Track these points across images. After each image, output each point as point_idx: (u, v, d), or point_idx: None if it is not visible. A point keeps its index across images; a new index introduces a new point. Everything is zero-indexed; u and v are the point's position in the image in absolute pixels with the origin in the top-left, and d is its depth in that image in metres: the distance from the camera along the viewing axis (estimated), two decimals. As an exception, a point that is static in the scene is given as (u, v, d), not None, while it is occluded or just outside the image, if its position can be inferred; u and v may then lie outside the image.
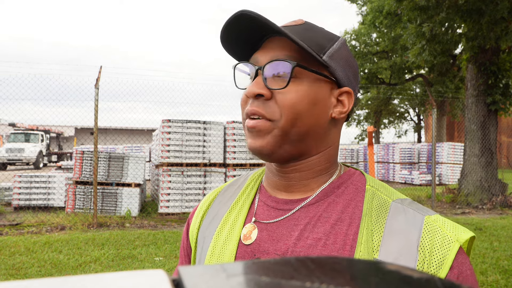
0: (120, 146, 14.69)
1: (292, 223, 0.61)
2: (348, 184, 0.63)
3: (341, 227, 0.58)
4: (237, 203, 0.70)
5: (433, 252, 0.54)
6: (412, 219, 0.57)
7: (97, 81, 6.19)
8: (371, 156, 8.77)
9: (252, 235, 0.63)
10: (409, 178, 13.36)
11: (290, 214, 0.62)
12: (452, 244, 0.55)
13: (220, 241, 0.66)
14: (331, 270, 0.21)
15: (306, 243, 0.58)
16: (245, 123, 0.61)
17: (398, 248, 0.55)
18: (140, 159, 7.21)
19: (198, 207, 0.76)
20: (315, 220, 0.60)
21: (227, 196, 0.73)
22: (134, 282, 0.18)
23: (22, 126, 19.69)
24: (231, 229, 0.66)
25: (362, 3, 18.89)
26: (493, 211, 7.64)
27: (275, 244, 0.60)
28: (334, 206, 0.61)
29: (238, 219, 0.66)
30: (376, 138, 26.53)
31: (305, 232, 0.59)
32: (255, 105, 0.59)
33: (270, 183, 0.68)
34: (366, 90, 22.63)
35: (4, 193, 7.80)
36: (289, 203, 0.63)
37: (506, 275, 3.75)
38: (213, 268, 0.21)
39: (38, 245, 4.75)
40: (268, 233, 0.62)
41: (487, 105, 8.32)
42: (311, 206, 0.62)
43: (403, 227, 0.57)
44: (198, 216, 0.73)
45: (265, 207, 0.66)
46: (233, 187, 0.74)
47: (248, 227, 0.64)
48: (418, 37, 8.60)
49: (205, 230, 0.70)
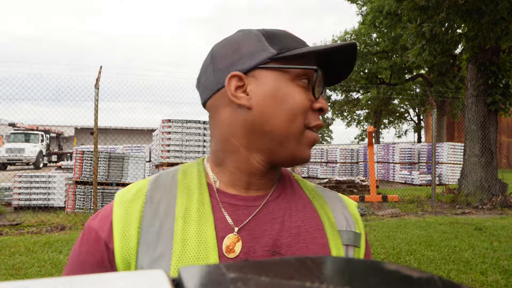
0: (120, 146, 14.69)
1: (269, 217, 0.62)
2: (285, 176, 0.70)
3: (309, 212, 0.65)
4: (189, 211, 0.59)
5: (355, 215, 0.70)
6: (335, 196, 0.71)
7: (97, 81, 6.19)
8: (371, 156, 8.77)
9: (236, 247, 0.58)
10: (409, 178, 13.36)
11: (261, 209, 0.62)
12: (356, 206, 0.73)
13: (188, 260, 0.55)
14: (331, 270, 0.21)
15: (291, 233, 0.61)
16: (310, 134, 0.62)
17: (343, 218, 0.67)
18: (140, 159, 7.21)
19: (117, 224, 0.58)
20: (288, 211, 0.63)
21: (160, 203, 0.60)
22: (134, 282, 0.18)
23: (22, 126, 19.70)
24: (200, 243, 0.56)
25: (362, 3, 18.89)
26: (493, 211, 7.64)
27: (259, 241, 0.59)
28: (292, 195, 0.66)
29: (205, 230, 0.57)
30: (376, 138, 26.53)
31: (286, 222, 0.62)
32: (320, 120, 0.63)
33: (239, 183, 0.63)
34: (366, 90, 22.63)
35: (4, 193, 7.79)
36: (257, 199, 0.63)
37: (506, 275, 3.75)
38: (213, 268, 0.21)
39: (38, 245, 4.75)
40: (248, 233, 0.59)
41: (487, 105, 8.32)
42: (278, 199, 0.65)
43: (336, 203, 0.69)
44: (127, 236, 0.57)
45: (233, 208, 0.61)
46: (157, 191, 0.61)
47: (230, 238, 0.58)
48: (418, 37, 8.60)
49: (152, 253, 0.56)
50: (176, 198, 0.60)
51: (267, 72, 0.59)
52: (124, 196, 0.61)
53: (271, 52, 0.59)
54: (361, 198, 8.45)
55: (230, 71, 0.60)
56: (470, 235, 5.38)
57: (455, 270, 3.90)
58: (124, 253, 0.56)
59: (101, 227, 0.59)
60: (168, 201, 0.60)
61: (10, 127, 20.91)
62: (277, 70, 0.59)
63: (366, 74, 20.70)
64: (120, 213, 0.59)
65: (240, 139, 0.61)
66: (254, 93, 0.59)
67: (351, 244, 0.65)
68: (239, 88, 0.60)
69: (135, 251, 0.56)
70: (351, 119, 29.06)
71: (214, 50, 0.64)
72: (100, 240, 0.58)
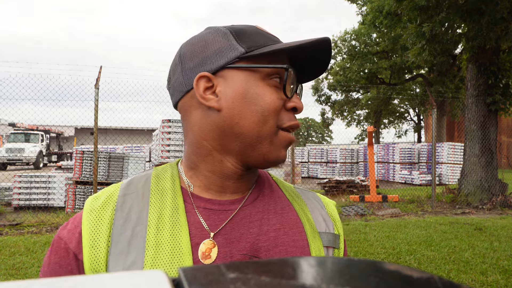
0: (120, 146, 14.69)
1: (246, 220, 0.60)
2: (263, 178, 0.69)
3: (288, 214, 0.64)
4: (162, 217, 0.57)
5: (334, 216, 0.70)
6: (313, 197, 0.72)
7: (97, 81, 6.19)
8: (371, 156, 8.77)
9: (212, 253, 0.56)
10: (409, 178, 13.36)
11: (237, 213, 0.60)
12: (334, 206, 0.73)
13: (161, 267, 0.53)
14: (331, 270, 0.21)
15: (269, 236, 0.60)
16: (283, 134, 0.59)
17: (322, 220, 0.67)
18: (140, 159, 7.21)
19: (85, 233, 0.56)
20: (266, 214, 0.62)
21: (132, 210, 0.57)
22: (134, 282, 0.18)
23: (22, 126, 19.70)
24: (174, 250, 0.54)
25: (362, 3, 18.89)
26: (493, 211, 7.64)
27: (236, 246, 0.58)
28: (270, 197, 0.65)
29: (180, 236, 0.56)
30: (376, 138, 26.53)
31: (263, 226, 0.60)
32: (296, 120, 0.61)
33: (213, 187, 0.61)
34: (366, 90, 22.63)
35: (4, 193, 7.79)
36: (234, 203, 0.61)
37: (506, 275, 3.75)
38: (213, 268, 0.21)
39: (38, 245, 4.75)
40: (225, 237, 0.58)
41: (487, 105, 8.32)
42: (256, 202, 0.63)
43: (315, 204, 0.70)
44: (97, 246, 0.54)
45: (208, 213, 0.59)
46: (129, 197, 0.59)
47: (206, 243, 0.56)
48: (418, 37, 8.60)
49: (123, 261, 0.53)
50: (149, 204, 0.58)
51: (236, 72, 0.57)
52: (93, 203, 0.59)
53: (239, 50, 0.57)
54: (361, 198, 8.46)
55: (198, 71, 0.58)
56: (470, 235, 5.38)
57: (455, 270, 3.90)
58: (94, 263, 0.54)
59: (70, 237, 0.56)
60: (141, 207, 0.58)
61: (10, 127, 20.92)
62: (246, 69, 0.57)
63: (366, 74, 20.70)
64: (89, 222, 0.56)
65: (212, 142, 0.59)
66: (223, 95, 0.57)
67: (331, 246, 0.65)
68: (208, 89, 0.57)
69: (104, 261, 0.54)
70: (351, 119, 29.07)
71: (182, 49, 0.61)
72: (69, 251, 0.55)
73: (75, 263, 0.55)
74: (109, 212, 0.57)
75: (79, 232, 0.56)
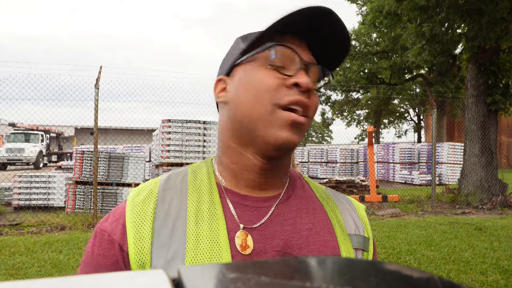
0: (120, 146, 14.69)
1: (280, 218, 0.62)
2: (295, 178, 0.71)
3: (319, 214, 0.65)
4: (200, 211, 0.59)
5: (364, 219, 0.71)
6: (344, 198, 0.73)
7: (97, 81, 6.19)
8: (371, 156, 8.77)
9: (249, 242, 0.58)
10: (409, 178, 13.36)
11: (273, 211, 0.62)
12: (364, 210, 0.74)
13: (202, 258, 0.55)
14: (332, 270, 0.21)
15: (302, 235, 0.61)
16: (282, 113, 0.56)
17: (352, 222, 0.68)
18: (140, 159, 7.21)
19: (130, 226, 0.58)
20: (299, 212, 0.64)
21: (172, 205, 0.60)
22: (134, 282, 0.18)
23: (22, 126, 19.70)
24: (213, 242, 0.57)
25: (362, 3, 18.90)
26: (493, 211, 7.64)
27: (270, 242, 0.59)
28: (302, 197, 0.67)
29: (217, 229, 0.58)
30: (376, 138, 26.54)
31: (297, 224, 0.62)
32: (305, 96, 0.57)
33: (242, 181, 0.63)
34: (366, 90, 22.64)
35: (4, 193, 7.79)
36: (267, 200, 0.63)
37: (506, 275, 3.75)
38: (213, 268, 0.21)
39: (38, 245, 4.75)
40: (260, 233, 0.59)
41: (487, 105, 8.32)
42: (289, 200, 0.65)
43: (345, 205, 0.70)
44: (141, 238, 0.57)
45: (243, 208, 0.61)
46: (169, 192, 0.62)
47: (239, 236, 0.58)
48: (418, 37, 8.61)
49: (166, 253, 0.55)
50: (187, 199, 0.61)
51: (239, 67, 0.62)
52: (135, 198, 0.61)
53: (241, 47, 0.62)
54: (361, 198, 8.45)
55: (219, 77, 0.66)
56: (470, 235, 5.38)
57: (455, 270, 3.90)
58: (139, 254, 0.56)
59: (113, 229, 0.59)
60: (179, 202, 0.60)
61: (10, 127, 20.92)
62: (246, 62, 0.61)
63: (366, 74, 20.70)
64: (133, 215, 0.59)
65: (228, 134, 0.63)
66: (230, 89, 0.63)
67: (360, 248, 0.66)
68: (223, 90, 0.64)
69: (149, 252, 0.56)
70: (351, 119, 29.07)
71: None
72: (114, 242, 0.58)
73: (120, 254, 0.57)
74: (151, 206, 0.60)
75: (123, 224, 0.59)
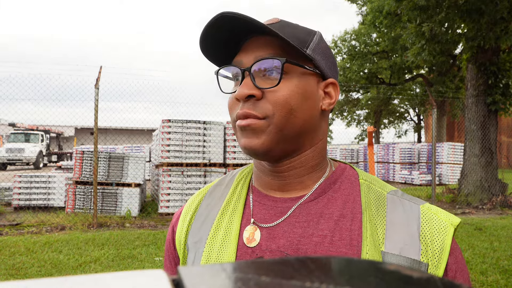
0: (120, 146, 14.70)
1: (293, 220, 0.61)
2: (343, 179, 0.64)
3: (345, 223, 0.59)
4: (229, 204, 0.67)
5: (434, 239, 0.58)
6: (409, 209, 0.60)
7: (97, 81, 6.19)
8: (371, 156, 8.77)
9: (256, 236, 0.61)
10: (409, 178, 13.36)
11: (292, 212, 0.61)
12: (448, 228, 0.59)
13: (216, 245, 0.63)
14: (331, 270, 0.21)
15: (311, 240, 0.58)
16: (237, 123, 0.60)
17: (402, 239, 0.57)
18: (140, 159, 7.21)
19: (182, 212, 0.72)
20: (317, 217, 0.60)
21: (215, 197, 0.70)
22: (134, 282, 0.18)
23: (22, 126, 19.69)
24: (227, 232, 0.63)
25: (362, 3, 18.90)
26: (493, 211, 7.64)
27: (277, 242, 0.59)
28: (334, 202, 0.61)
29: (233, 221, 0.64)
30: (376, 138, 26.54)
31: (309, 229, 0.59)
32: (246, 107, 0.59)
33: (262, 183, 0.66)
34: (366, 90, 22.63)
35: (4, 193, 7.79)
36: (287, 202, 0.62)
37: (506, 275, 3.75)
38: (213, 268, 0.21)
39: (38, 245, 4.75)
40: (269, 232, 0.61)
41: (487, 105, 8.32)
42: (310, 203, 0.62)
43: (402, 219, 0.59)
44: (184, 221, 0.70)
45: (261, 207, 0.64)
46: (220, 187, 0.71)
47: (249, 229, 0.62)
48: (418, 37, 8.61)
49: (195, 236, 0.66)
50: (227, 194, 0.69)
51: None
52: (199, 190, 0.75)
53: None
54: (361, 198, 8.44)
55: None
56: (470, 235, 5.38)
57: (455, 270, 3.89)
58: (179, 234, 0.70)
59: (175, 215, 0.74)
60: (220, 195, 0.70)
61: (10, 127, 20.91)
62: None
63: (366, 74, 20.70)
64: (187, 204, 0.73)
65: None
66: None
67: None
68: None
69: (186, 233, 0.68)
70: (351, 119, 29.07)
71: None
72: (172, 225, 0.74)
73: (172, 233, 0.73)
74: (200, 197, 0.72)
75: (181, 211, 0.73)
